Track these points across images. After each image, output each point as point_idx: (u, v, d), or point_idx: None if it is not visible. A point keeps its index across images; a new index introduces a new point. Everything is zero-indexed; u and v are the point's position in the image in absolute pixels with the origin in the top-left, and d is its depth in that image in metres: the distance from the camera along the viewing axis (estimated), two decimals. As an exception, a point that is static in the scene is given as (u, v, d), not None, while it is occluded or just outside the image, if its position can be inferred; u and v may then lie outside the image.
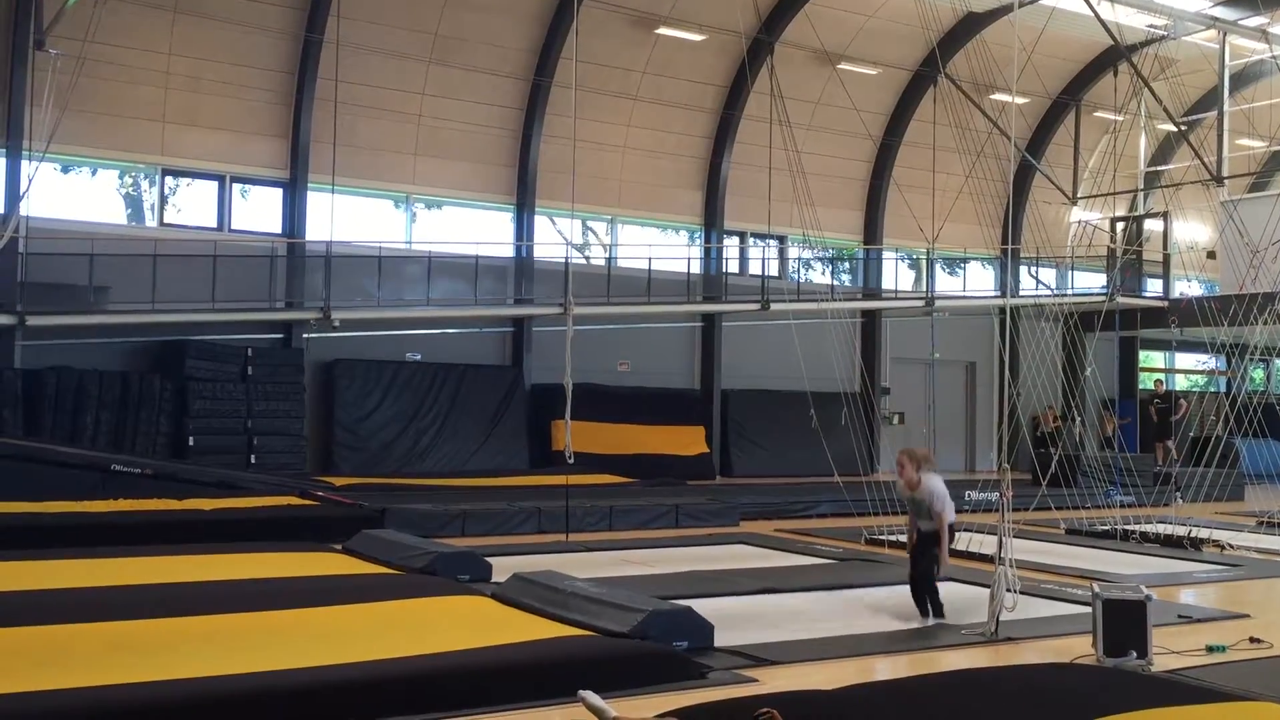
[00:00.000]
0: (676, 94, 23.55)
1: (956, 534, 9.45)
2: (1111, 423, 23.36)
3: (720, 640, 7.63)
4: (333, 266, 19.62)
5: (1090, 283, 28.02)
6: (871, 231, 26.42)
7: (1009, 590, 8.14)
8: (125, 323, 18.21)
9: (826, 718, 5.04)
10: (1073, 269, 27.84)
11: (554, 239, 22.85)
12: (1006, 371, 9.82)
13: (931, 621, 8.71)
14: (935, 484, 9.00)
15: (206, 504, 13.65)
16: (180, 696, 5.63)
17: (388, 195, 21.63)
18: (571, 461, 13.64)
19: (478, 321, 21.81)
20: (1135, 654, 7.22)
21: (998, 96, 21.91)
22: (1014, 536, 8.58)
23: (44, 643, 6.65)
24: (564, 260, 21.49)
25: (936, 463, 9.39)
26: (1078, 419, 19.73)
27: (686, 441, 22.99)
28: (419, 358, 21.16)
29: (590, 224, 24.14)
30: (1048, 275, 27.79)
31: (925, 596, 8.92)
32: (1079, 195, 26.70)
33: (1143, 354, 28.56)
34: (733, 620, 8.34)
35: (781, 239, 25.29)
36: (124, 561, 9.70)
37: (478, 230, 22.11)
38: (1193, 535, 13.93)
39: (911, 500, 9.09)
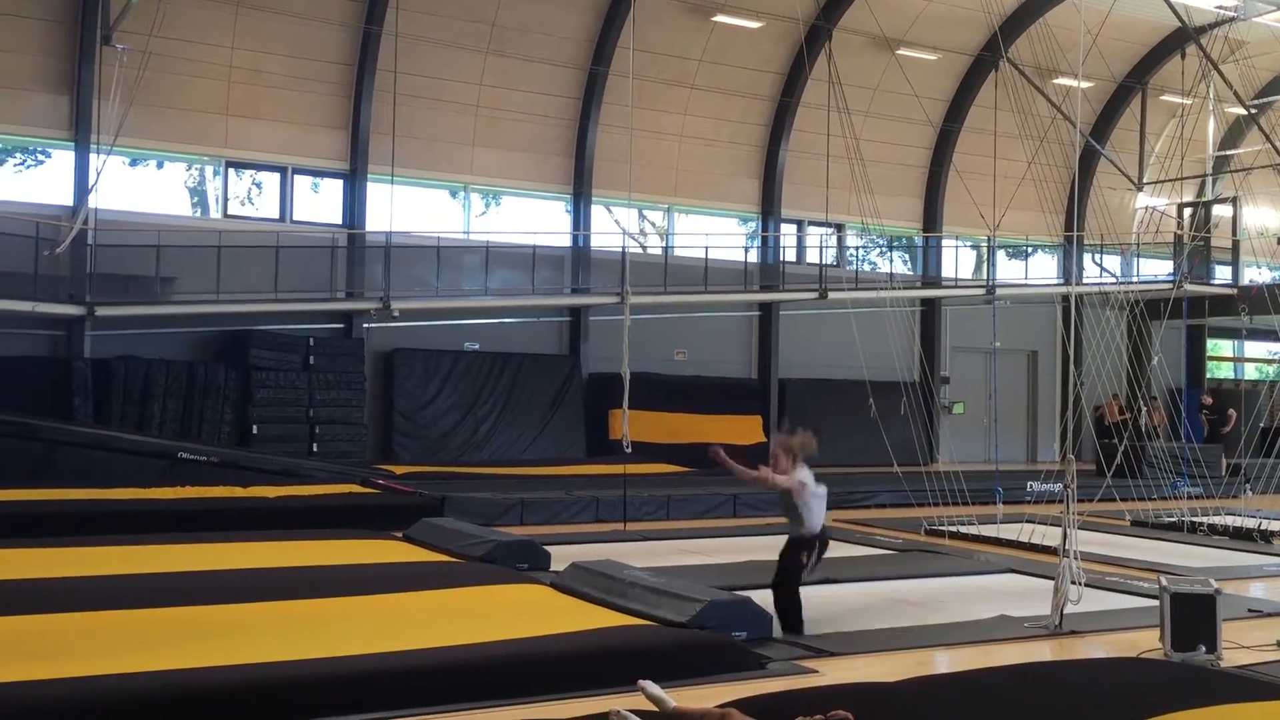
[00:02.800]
0: (733, 82, 23.43)
1: (830, 544, 8.29)
2: (1159, 413, 22.91)
3: (779, 631, 7.60)
4: (392, 257, 19.80)
5: (1156, 270, 27.45)
6: (931, 219, 26.12)
7: (1073, 583, 8.02)
8: (191, 313, 18.53)
9: (890, 710, 4.99)
10: (1138, 256, 27.31)
11: (611, 228, 22.87)
12: (1071, 361, 9.65)
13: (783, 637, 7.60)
14: (807, 480, 7.91)
15: (270, 491, 13.87)
16: (245, 681, 5.72)
17: (446, 185, 21.78)
18: (629, 450, 13.64)
19: (535, 311, 21.89)
20: (1204, 649, 7.09)
21: (1061, 81, 21.53)
22: (1078, 528, 8.45)
23: (115, 627, 6.80)
24: (621, 249, 21.48)
25: (816, 450, 8.04)
26: (1143, 409, 19.35)
27: (743, 430, 22.90)
28: (477, 347, 21.30)
29: (647, 213, 24.11)
30: (1112, 262, 27.29)
31: (782, 606, 7.84)
32: (1145, 181, 26.18)
33: (1211, 342, 27.95)
34: (792, 611, 8.28)
35: (839, 227, 25.08)
36: (191, 548, 9.88)
37: (535, 220, 22.19)
38: (1263, 528, 13.63)
39: (783, 498, 8.07)
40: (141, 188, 19.34)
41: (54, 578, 8.28)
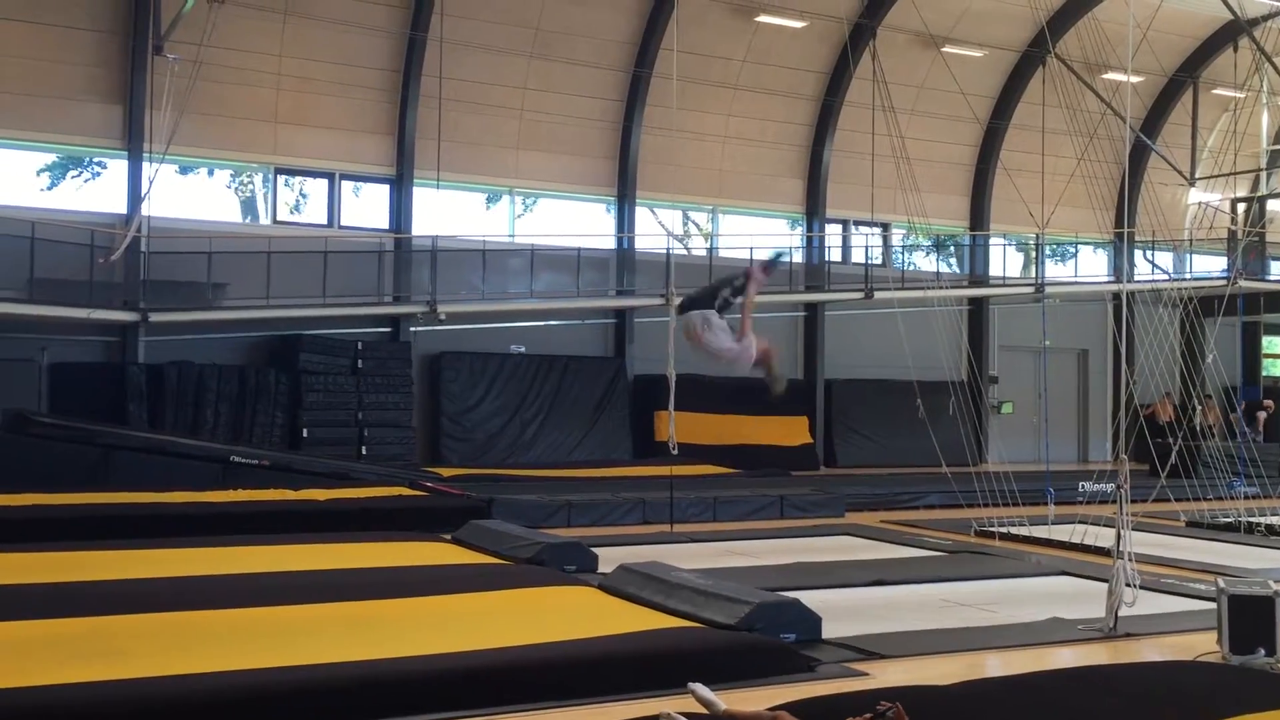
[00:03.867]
0: (777, 82, 23.36)
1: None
2: (1213, 412, 22.50)
3: (828, 633, 7.56)
4: (438, 260, 19.95)
5: (1210, 266, 27.02)
6: (978, 217, 25.88)
7: (1128, 584, 7.90)
8: (242, 318, 18.78)
9: (942, 714, 4.95)
10: (1191, 252, 26.88)
11: (655, 230, 22.87)
12: (1123, 359, 9.51)
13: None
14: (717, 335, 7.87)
15: (320, 494, 14.01)
16: (296, 683, 5.78)
17: (491, 189, 21.89)
18: (675, 452, 13.62)
19: (580, 313, 21.95)
20: (1263, 652, 6.96)
21: (1111, 76, 21.25)
22: (1132, 529, 8.33)
23: (169, 628, 6.90)
24: (665, 251, 21.49)
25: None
26: (1198, 408, 19.03)
27: (790, 432, 22.82)
28: (523, 350, 21.39)
29: (691, 214, 24.10)
30: (1164, 259, 26.89)
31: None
32: (1197, 176, 25.77)
33: (1266, 339, 27.44)
34: (840, 612, 8.25)
35: (885, 226, 24.92)
36: (245, 550, 10.01)
37: (579, 222, 22.25)
38: (1323, 528, 13.36)
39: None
40: (192, 195, 19.64)
41: (111, 580, 8.42)
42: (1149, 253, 26.45)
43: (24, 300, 16.75)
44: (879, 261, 24.74)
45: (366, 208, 20.88)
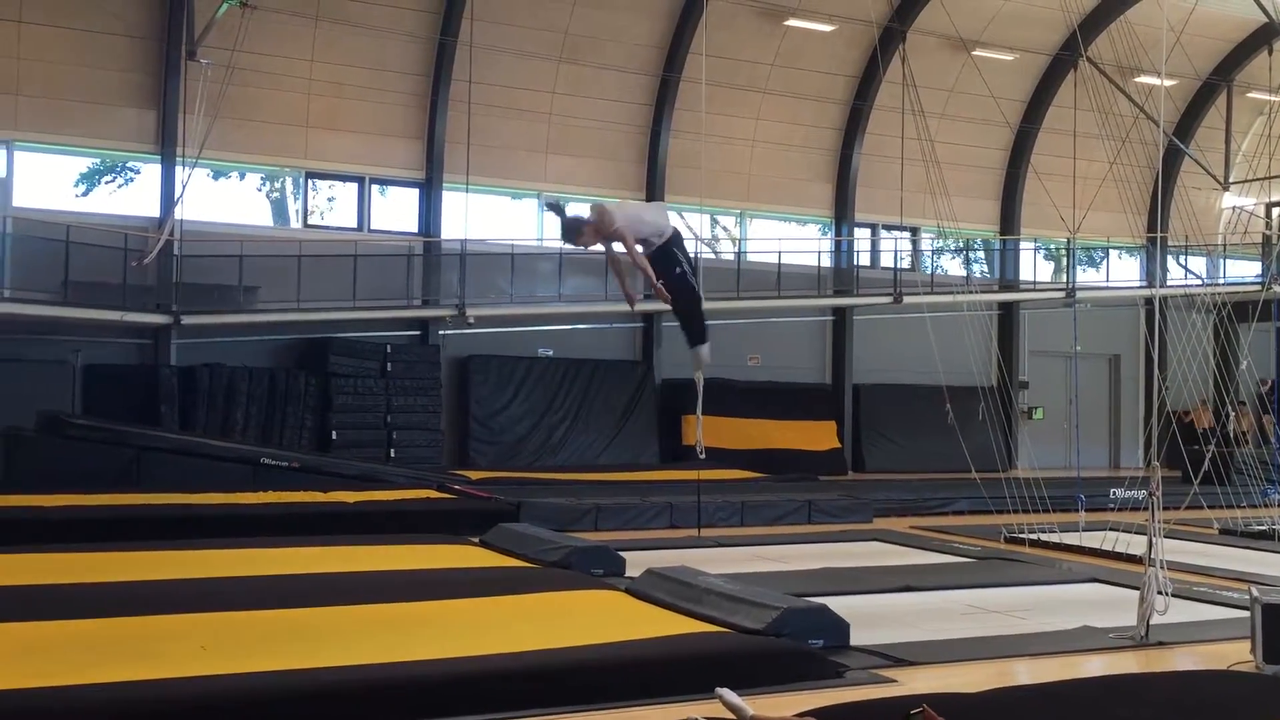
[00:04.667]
0: (806, 86, 23.31)
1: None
2: (1247, 418, 22.25)
3: (856, 639, 7.52)
4: (467, 264, 20.03)
5: (1244, 271, 26.74)
6: (1008, 221, 25.73)
7: (1160, 592, 7.82)
8: (272, 321, 18.92)
9: (970, 722, 4.93)
10: (1225, 257, 26.61)
11: (683, 234, 22.83)
12: (1156, 365, 9.42)
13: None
14: (621, 224, 7.60)
15: (349, 496, 14.08)
16: (322, 684, 5.81)
17: (520, 193, 21.96)
18: (703, 456, 13.60)
19: (608, 317, 21.97)
20: (1298, 662, 6.87)
21: (1143, 79, 21.08)
22: (1165, 536, 8.25)
23: (199, 629, 6.95)
24: (694, 254, 21.46)
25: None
26: (1231, 414, 18.83)
27: (818, 436, 22.76)
28: (551, 353, 21.44)
29: (719, 218, 24.08)
30: (1198, 264, 26.63)
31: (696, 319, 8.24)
32: (1231, 180, 25.51)
33: (1301, 345, 27.06)
34: (869, 619, 8.21)
35: (914, 230, 24.81)
36: (275, 552, 10.07)
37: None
38: (1359, 537, 13.18)
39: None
40: (224, 199, 19.81)
41: (142, 580, 8.50)
42: (1182, 258, 26.22)
43: (59, 303, 16.96)
44: (908, 266, 24.63)
45: (396, 211, 20.99)
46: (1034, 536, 13.00)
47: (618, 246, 7.86)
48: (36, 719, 5.17)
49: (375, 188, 20.78)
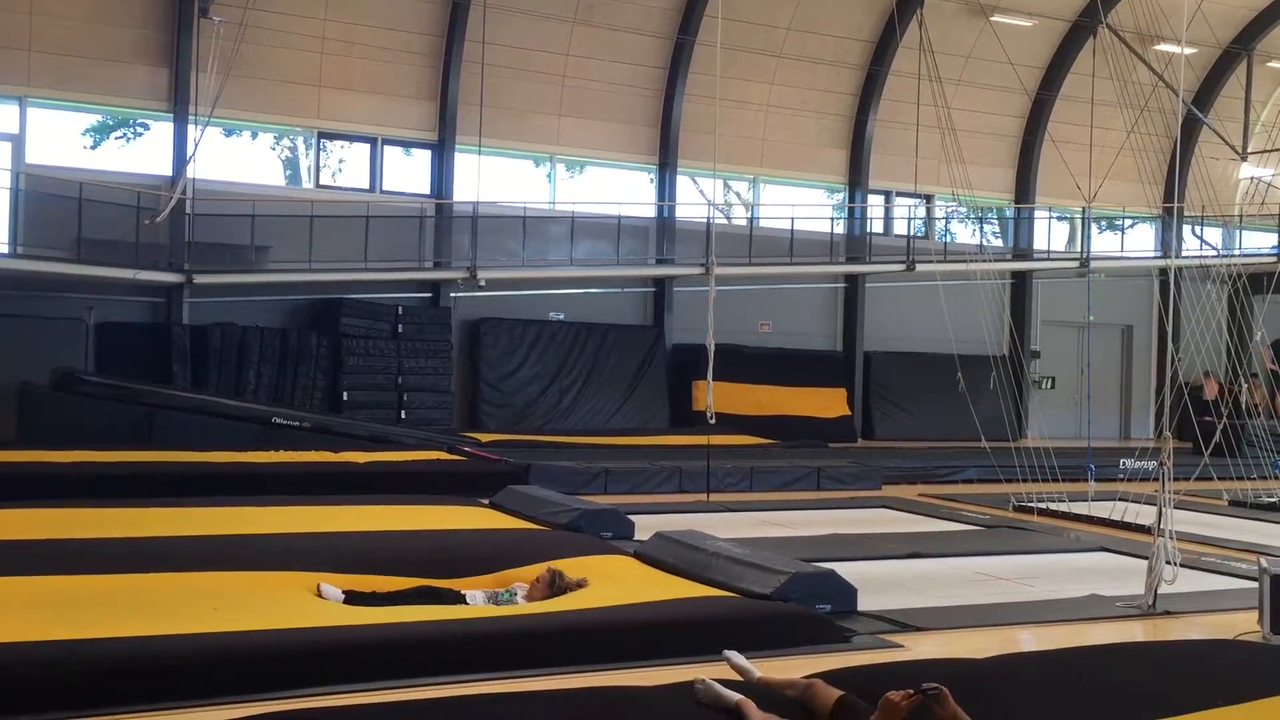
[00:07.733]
0: (821, 50, 23.10)
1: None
2: (1259, 390, 22.14)
3: (863, 604, 7.57)
4: (479, 227, 19.98)
5: (1260, 243, 26.55)
6: (1023, 189, 25.55)
7: (1168, 562, 7.84)
8: (284, 281, 18.92)
9: (978, 688, 4.94)
10: (1241, 228, 26.41)
11: (696, 199, 22.77)
12: (1169, 336, 9.38)
13: None
14: None
15: (360, 456, 14.14)
16: (332, 642, 5.87)
17: (532, 156, 21.87)
18: (713, 422, 13.62)
19: (619, 281, 21.93)
20: (1306, 633, 6.89)
21: (1163, 47, 20.84)
22: (1174, 507, 8.24)
23: (210, 587, 7.00)
24: (706, 220, 21.40)
25: None
26: (1244, 386, 18.75)
27: (828, 403, 22.75)
28: (562, 317, 21.42)
29: (732, 183, 23.96)
30: (1213, 235, 26.44)
31: None
32: (1249, 150, 25.27)
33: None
34: (876, 585, 8.25)
35: (928, 198, 24.66)
36: (286, 510, 10.12)
37: (619, 190, 22.18)
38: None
39: None
40: (236, 158, 19.76)
41: (152, 536, 8.56)
42: (1197, 228, 26.03)
43: (72, 260, 16.97)
44: (921, 233, 24.50)
45: (408, 172, 20.92)
46: (1043, 505, 13.02)
47: None
48: (49, 670, 5.22)
49: (390, 148, 20.70)
